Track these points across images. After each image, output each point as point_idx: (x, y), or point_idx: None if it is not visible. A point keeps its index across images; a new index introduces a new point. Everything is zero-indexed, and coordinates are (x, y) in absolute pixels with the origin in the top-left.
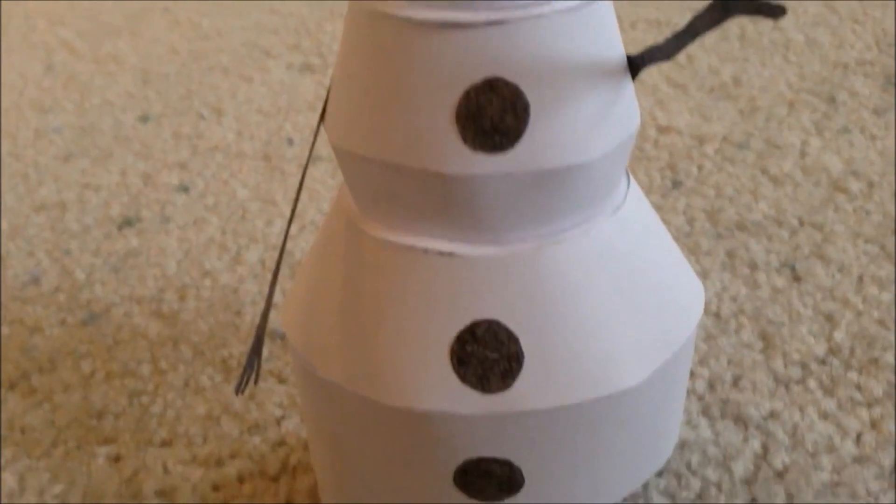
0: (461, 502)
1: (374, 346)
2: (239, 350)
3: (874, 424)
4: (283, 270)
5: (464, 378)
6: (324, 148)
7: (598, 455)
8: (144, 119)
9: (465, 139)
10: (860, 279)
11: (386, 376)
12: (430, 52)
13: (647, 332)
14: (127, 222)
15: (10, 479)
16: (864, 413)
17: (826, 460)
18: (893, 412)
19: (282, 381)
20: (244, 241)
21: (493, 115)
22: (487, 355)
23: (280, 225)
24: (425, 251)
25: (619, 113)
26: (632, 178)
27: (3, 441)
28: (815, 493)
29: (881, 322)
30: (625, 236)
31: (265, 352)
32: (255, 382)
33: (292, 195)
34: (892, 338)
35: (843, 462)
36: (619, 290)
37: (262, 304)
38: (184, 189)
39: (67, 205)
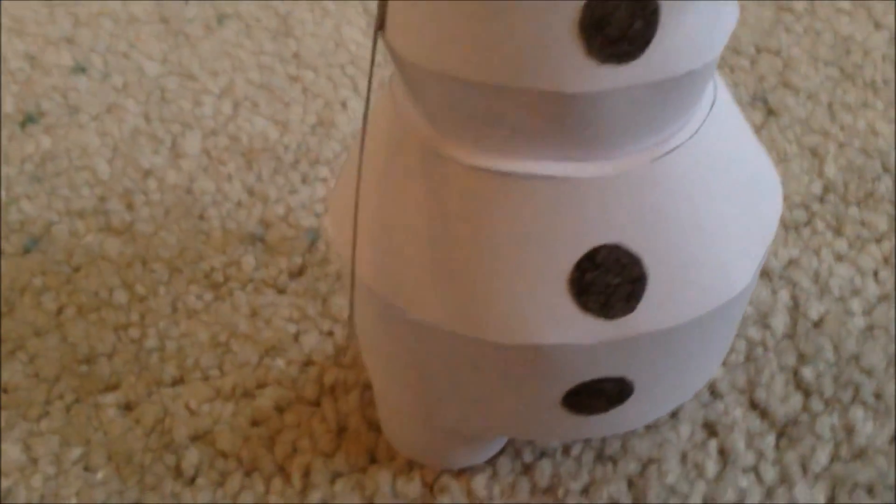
0: (565, 419)
1: (478, 283)
2: (220, 261)
3: (886, 260)
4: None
5: (585, 307)
6: (229, 6)
7: (702, 356)
8: None
9: (589, 51)
10: (830, 107)
11: (495, 314)
12: None
13: (750, 229)
14: (29, 118)
15: (12, 451)
16: (874, 249)
17: (856, 304)
18: None
19: (280, 291)
20: (176, 128)
21: (621, 23)
22: (609, 281)
23: (211, 104)
24: (533, 177)
25: (729, 6)
26: None
27: None
28: (856, 341)
29: (864, 151)
30: (722, 131)
31: (239, 258)
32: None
33: (210, 65)
34: (879, 167)
35: (871, 303)
36: (725, 189)
37: (223, 203)
38: (80, 69)
39: None
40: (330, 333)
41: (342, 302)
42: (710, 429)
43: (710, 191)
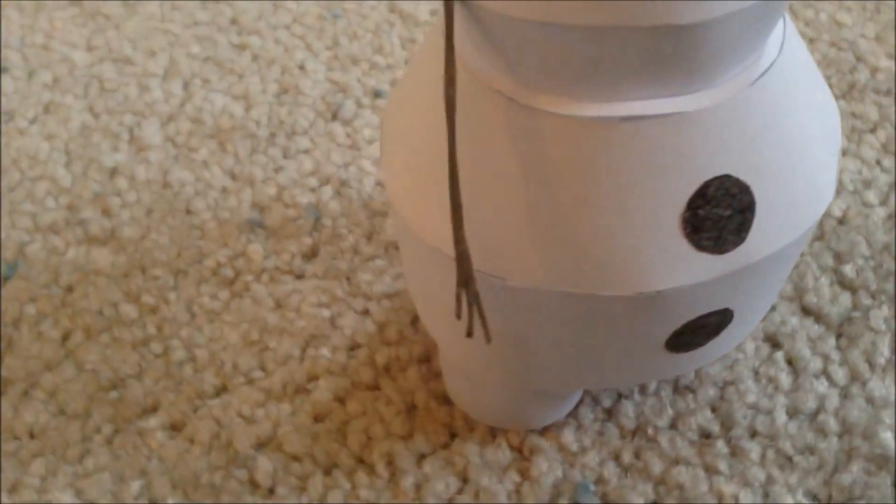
0: (664, 359)
1: (589, 237)
2: (225, 255)
3: (884, 147)
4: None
5: (699, 245)
6: None
7: (787, 273)
8: None
9: None
10: (791, 6)
11: (610, 266)
12: None
13: (827, 142)
14: None
15: (64, 498)
16: (872, 139)
17: (871, 196)
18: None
19: (298, 276)
20: (129, 119)
21: None
22: (721, 214)
23: (159, 87)
24: (637, 118)
25: None
26: None
27: (21, 454)
28: (882, 230)
29: (834, 44)
30: (797, 48)
31: (244, 248)
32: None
33: (143, 44)
34: (852, 57)
35: (884, 192)
36: (808, 104)
37: (207, 193)
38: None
39: None
40: (366, 312)
41: (368, 277)
42: (773, 341)
43: (798, 107)
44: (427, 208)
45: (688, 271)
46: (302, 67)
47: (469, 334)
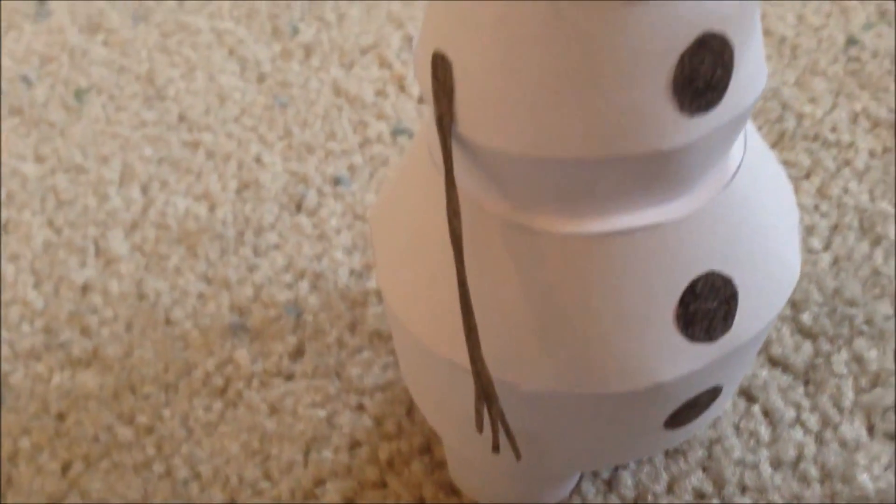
0: (663, 436)
1: (591, 341)
2: (212, 363)
3: (819, 192)
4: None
5: (692, 337)
6: (80, 77)
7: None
8: None
9: (681, 107)
10: None
11: (613, 366)
12: (640, 26)
13: (789, 218)
14: None
15: None
16: (808, 185)
17: (815, 242)
18: None
19: (288, 377)
20: (93, 231)
21: (706, 74)
22: (709, 307)
23: (117, 194)
24: (628, 231)
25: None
26: None
27: None
28: (830, 276)
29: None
30: (756, 141)
31: (230, 355)
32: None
33: (93, 150)
34: (778, 106)
35: (826, 237)
36: (771, 190)
37: (185, 301)
38: None
39: None
40: (361, 407)
41: (357, 371)
42: (748, 395)
43: (764, 195)
44: (434, 321)
45: (684, 362)
46: (258, 160)
47: (496, 449)
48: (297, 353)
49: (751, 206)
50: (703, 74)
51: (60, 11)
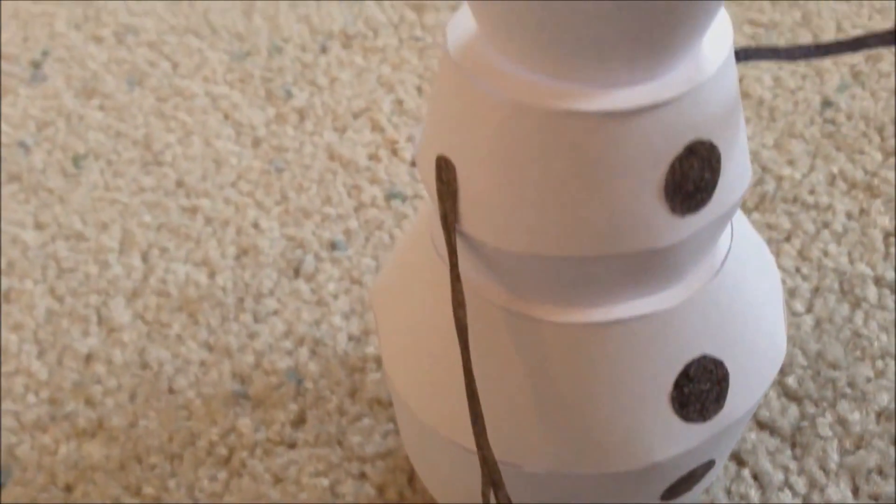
0: None
1: (591, 424)
2: (216, 433)
3: (800, 254)
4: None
5: (687, 418)
6: (77, 144)
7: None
8: None
9: (672, 209)
10: None
11: (612, 447)
12: (633, 138)
13: (777, 295)
14: None
15: None
16: (789, 248)
17: (798, 304)
18: None
19: (290, 445)
20: (94, 300)
21: (695, 177)
22: (702, 388)
23: (117, 262)
24: (625, 320)
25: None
26: None
27: None
28: (813, 338)
29: None
30: (743, 227)
31: (233, 424)
32: None
33: (92, 217)
34: (758, 169)
35: (808, 299)
36: (758, 271)
37: (187, 369)
38: None
39: None
40: (363, 476)
41: (358, 438)
42: (738, 459)
43: (751, 279)
44: (440, 405)
45: (679, 441)
46: (256, 226)
47: None
48: (299, 421)
49: (739, 290)
50: (692, 179)
51: (55, 75)
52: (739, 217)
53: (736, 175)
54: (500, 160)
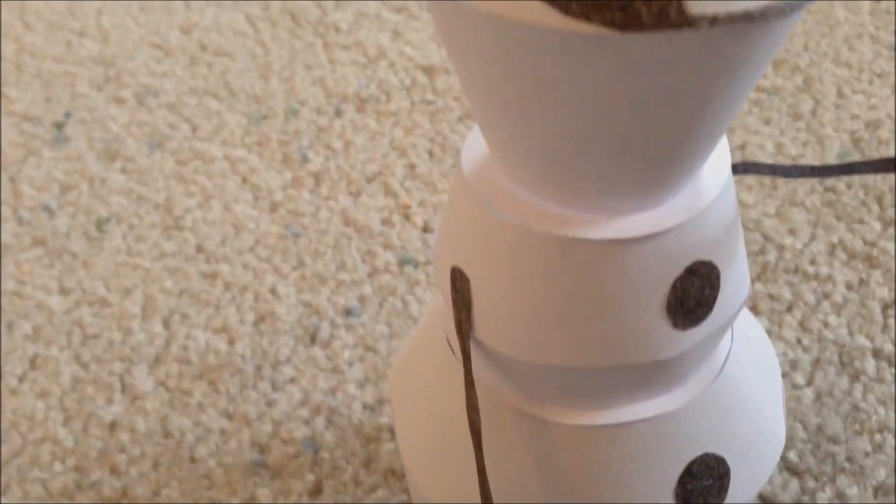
0: None
1: None
2: (236, 501)
3: (801, 325)
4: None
5: None
6: (100, 207)
7: None
8: None
9: (675, 324)
10: None
11: None
12: (637, 262)
13: (777, 389)
14: None
15: None
16: (790, 319)
17: (799, 377)
18: None
19: None
20: (118, 367)
21: (696, 295)
22: (705, 484)
23: (140, 329)
24: (630, 423)
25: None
26: None
27: None
28: (813, 412)
29: (743, 225)
30: (743, 327)
31: (252, 494)
32: None
33: (115, 282)
34: (760, 238)
35: (808, 371)
36: (758, 369)
37: (208, 438)
38: None
39: None
40: None
41: None
42: None
43: (753, 377)
44: (455, 495)
45: None
46: (273, 292)
47: None
48: (316, 492)
49: (740, 389)
50: (693, 296)
51: (77, 137)
52: (745, 312)
53: (735, 289)
54: (512, 278)
